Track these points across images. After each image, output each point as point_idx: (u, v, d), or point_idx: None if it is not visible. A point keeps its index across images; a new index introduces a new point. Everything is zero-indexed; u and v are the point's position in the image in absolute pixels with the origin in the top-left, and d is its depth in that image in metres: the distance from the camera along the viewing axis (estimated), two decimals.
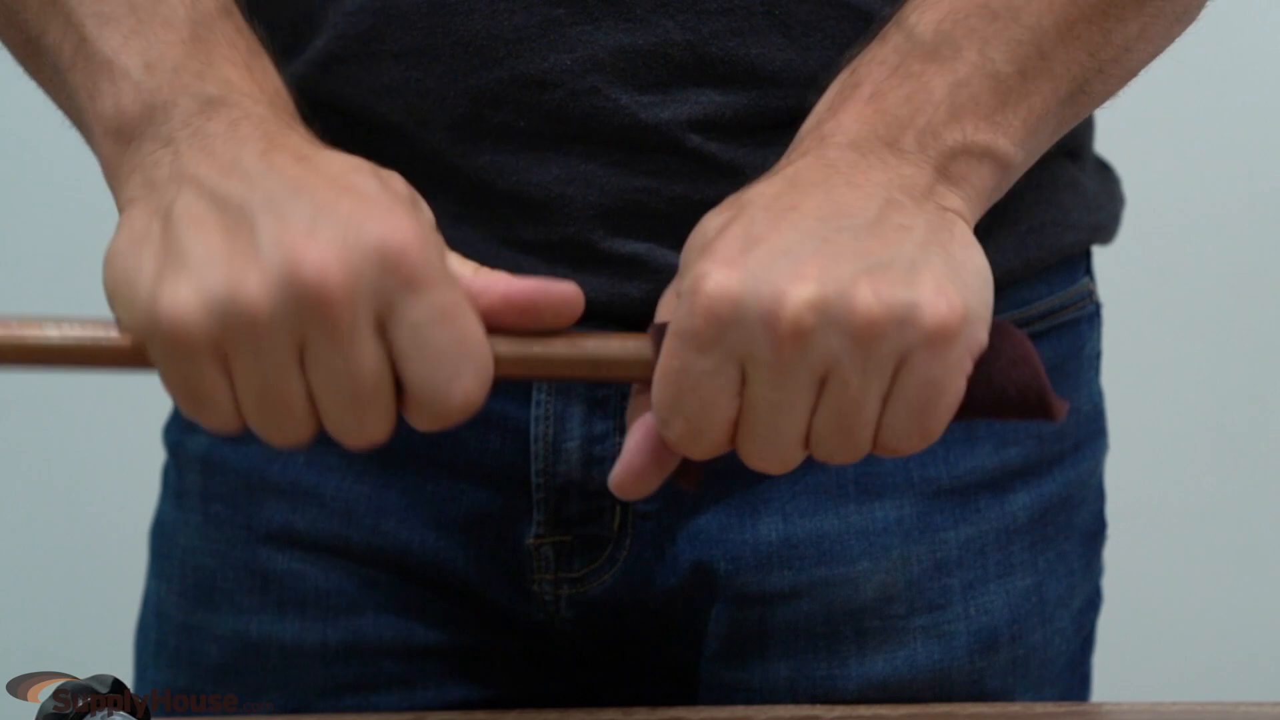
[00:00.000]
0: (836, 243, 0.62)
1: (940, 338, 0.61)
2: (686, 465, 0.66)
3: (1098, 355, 0.88)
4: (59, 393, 1.62)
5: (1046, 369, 0.82)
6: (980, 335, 0.63)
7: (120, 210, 0.65)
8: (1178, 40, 0.74)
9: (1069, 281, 0.84)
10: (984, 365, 0.64)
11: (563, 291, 0.63)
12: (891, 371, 0.62)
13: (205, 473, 0.84)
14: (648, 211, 0.74)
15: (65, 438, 1.65)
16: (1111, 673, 0.95)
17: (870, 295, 0.60)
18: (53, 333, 0.64)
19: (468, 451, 0.79)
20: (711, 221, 0.65)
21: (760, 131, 0.74)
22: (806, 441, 0.63)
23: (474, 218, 0.75)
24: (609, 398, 0.78)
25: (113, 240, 0.63)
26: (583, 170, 0.74)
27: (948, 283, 0.62)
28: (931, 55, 0.67)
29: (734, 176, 0.74)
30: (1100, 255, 0.89)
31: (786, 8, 0.73)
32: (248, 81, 0.67)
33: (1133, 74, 0.72)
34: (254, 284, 0.58)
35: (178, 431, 0.87)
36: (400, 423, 0.79)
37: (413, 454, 0.80)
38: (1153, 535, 1.60)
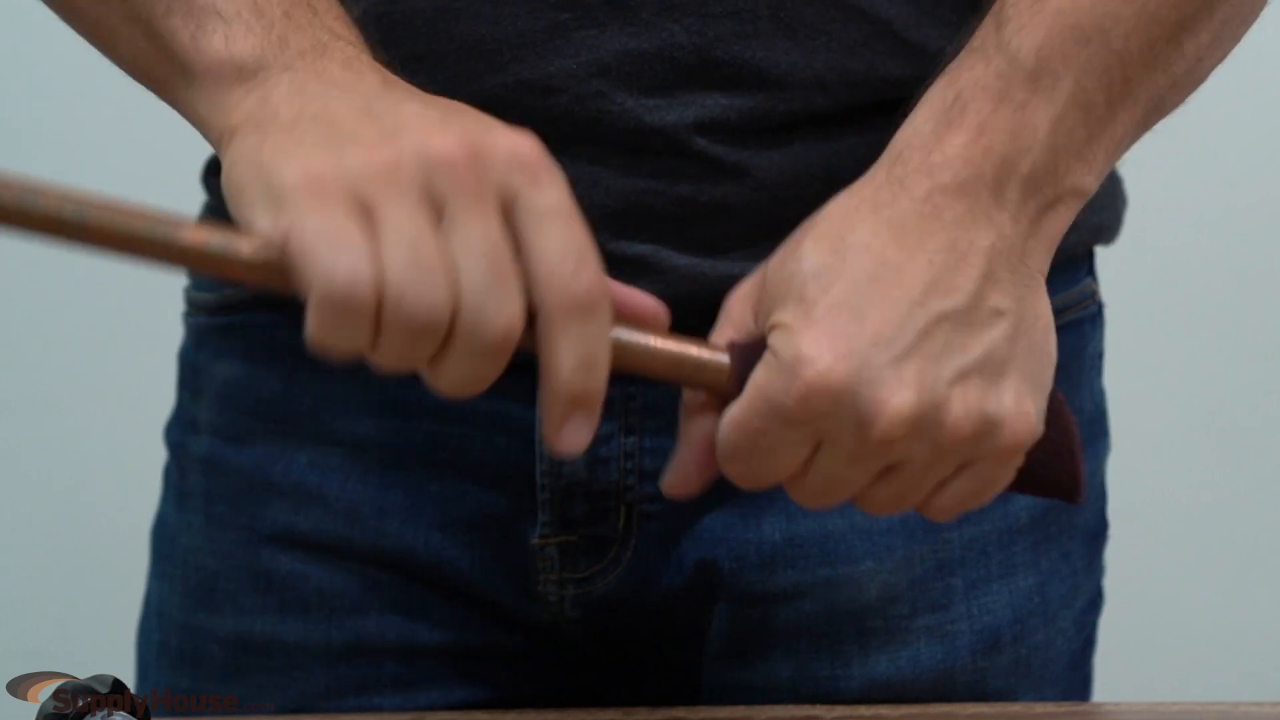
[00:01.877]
0: (936, 337, 0.64)
1: (1012, 451, 0.65)
2: None
3: (1100, 355, 0.88)
4: (59, 393, 1.63)
5: None
6: (1040, 430, 0.67)
7: (230, 134, 0.65)
8: None
9: (1071, 282, 0.84)
10: (1034, 454, 0.67)
11: (646, 304, 0.65)
12: (955, 467, 0.65)
13: (207, 473, 0.84)
14: (654, 213, 0.74)
15: (65, 438, 1.65)
16: (1112, 673, 0.95)
17: (960, 411, 0.64)
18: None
19: (472, 452, 0.79)
20: (809, 259, 0.65)
21: (766, 135, 0.74)
22: (857, 494, 0.66)
23: None
24: (613, 399, 0.78)
25: (235, 144, 0.63)
26: (588, 173, 0.74)
27: (1028, 392, 0.66)
28: (1034, 84, 0.67)
29: (740, 177, 0.74)
30: (1102, 255, 0.89)
31: (792, 11, 0.73)
32: (353, 33, 0.68)
33: (1201, 82, 0.73)
34: (389, 150, 0.59)
35: (180, 432, 0.87)
36: (401, 424, 0.80)
37: (416, 454, 0.80)
38: (1153, 535, 1.60)
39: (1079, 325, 0.85)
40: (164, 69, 0.68)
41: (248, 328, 0.82)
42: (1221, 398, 1.63)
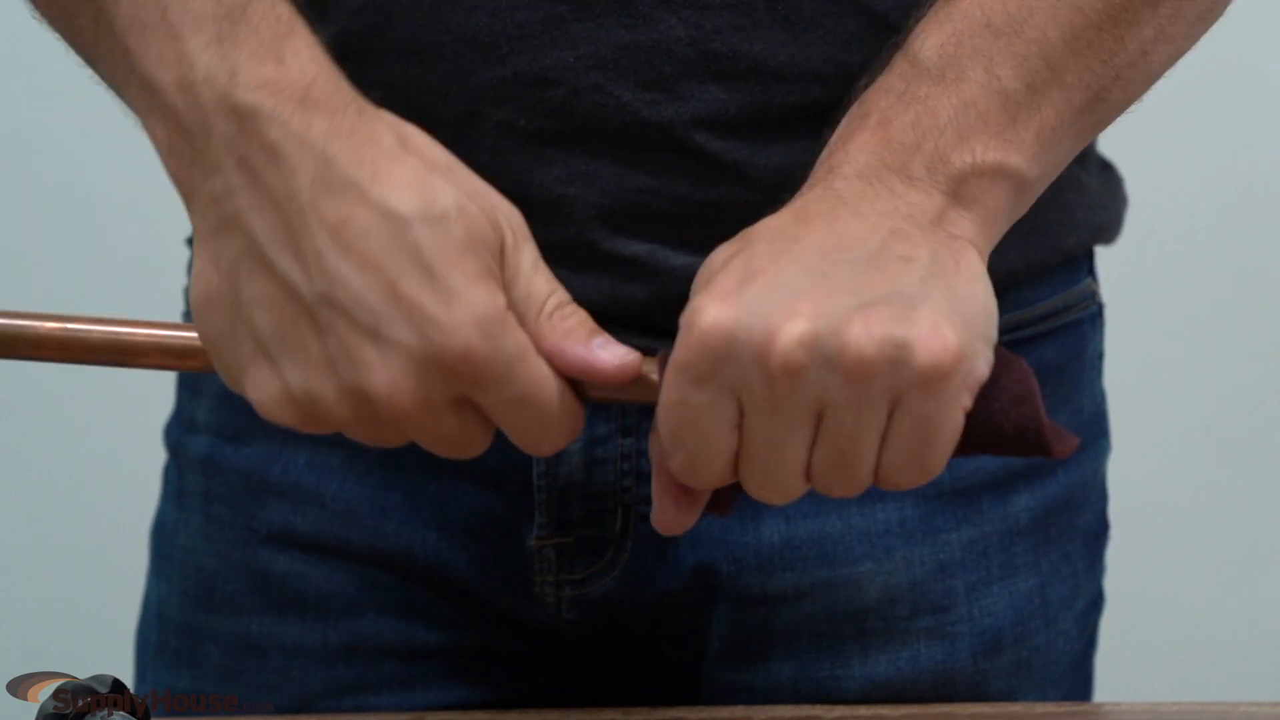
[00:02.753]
0: (834, 276, 0.62)
1: (934, 377, 0.61)
2: (717, 495, 0.67)
3: (1100, 356, 0.88)
4: (59, 393, 1.62)
5: (1049, 370, 0.82)
6: (979, 371, 0.63)
7: (193, 226, 0.65)
8: None
9: (1072, 282, 0.84)
10: (983, 401, 0.64)
11: (607, 369, 0.65)
12: (887, 410, 0.62)
13: (206, 474, 0.84)
14: (650, 212, 0.74)
15: (65, 438, 1.65)
16: (1112, 673, 0.94)
17: (862, 333, 0.61)
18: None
19: None
20: (718, 256, 0.65)
21: (764, 129, 0.74)
22: (808, 475, 0.64)
23: None
24: (611, 402, 0.77)
25: (193, 280, 0.65)
26: (585, 170, 0.74)
27: (945, 319, 0.62)
28: (937, 78, 0.67)
29: (737, 176, 0.74)
30: (1103, 255, 0.89)
31: (789, 3, 0.73)
32: (281, 78, 0.64)
33: (1155, 76, 0.72)
34: (331, 395, 0.62)
35: (178, 432, 0.87)
36: None
37: (414, 455, 0.79)
38: (1153, 536, 1.60)
39: (1079, 326, 0.85)
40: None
41: None
42: (1222, 398, 1.63)
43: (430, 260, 0.61)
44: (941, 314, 0.62)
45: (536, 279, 0.64)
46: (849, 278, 0.62)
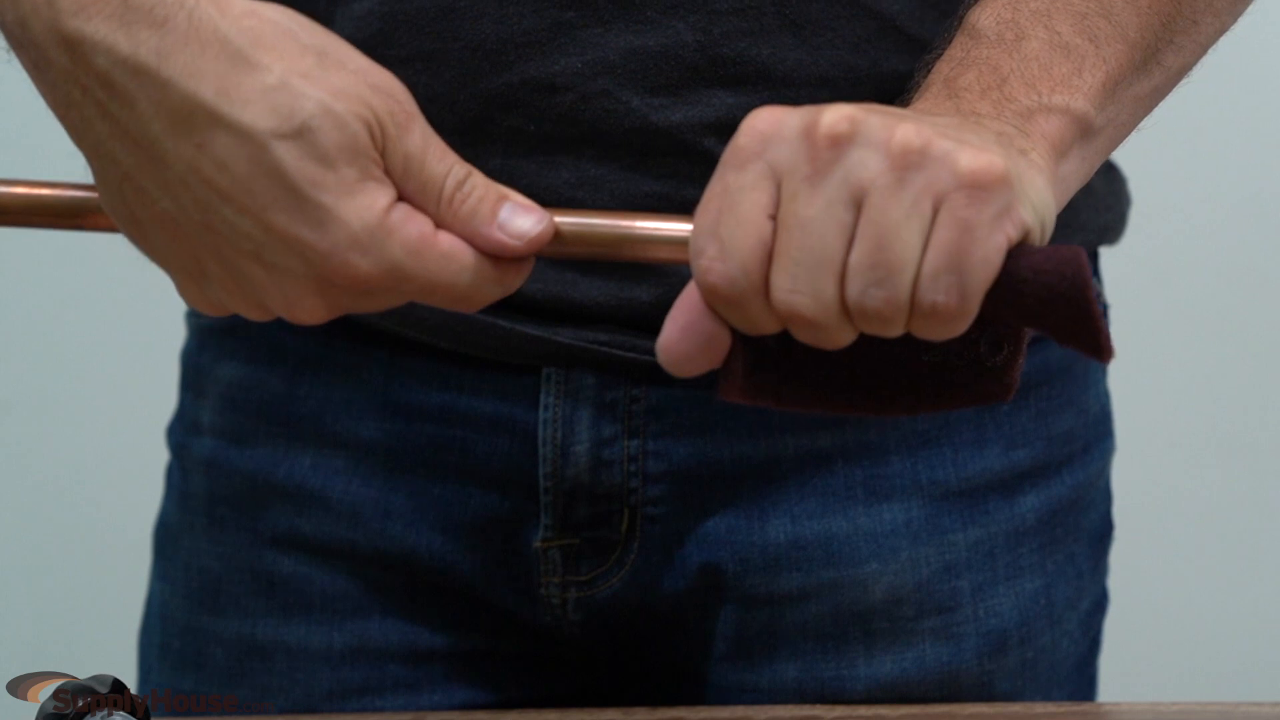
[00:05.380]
0: (887, 110, 0.61)
1: (976, 184, 0.59)
2: (728, 365, 0.64)
3: None
4: (60, 392, 1.62)
5: (1055, 370, 0.82)
6: (1024, 216, 0.61)
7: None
8: None
9: None
10: (1030, 259, 0.61)
11: (504, 246, 0.63)
12: (929, 208, 0.60)
13: (210, 475, 0.84)
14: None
15: (67, 438, 1.65)
16: (1113, 673, 0.94)
17: (912, 129, 0.60)
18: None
19: (475, 454, 0.79)
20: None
21: None
22: (842, 280, 0.60)
23: None
24: (617, 401, 0.77)
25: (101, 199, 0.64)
26: (594, 174, 0.74)
27: (997, 149, 0.61)
28: (997, 41, 0.67)
29: None
30: (1106, 256, 0.89)
31: (798, 7, 0.73)
32: None
33: (1203, 48, 0.72)
34: (251, 310, 0.63)
35: (182, 433, 0.86)
36: (404, 427, 0.80)
37: (420, 457, 0.80)
38: (1153, 536, 1.60)
39: None
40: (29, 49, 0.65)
41: (251, 329, 0.82)
42: (1225, 399, 1.62)
43: (296, 183, 0.59)
44: (992, 144, 0.61)
45: (429, 162, 0.62)
46: (906, 113, 0.62)
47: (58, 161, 0.71)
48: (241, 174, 0.59)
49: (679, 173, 0.74)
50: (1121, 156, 0.89)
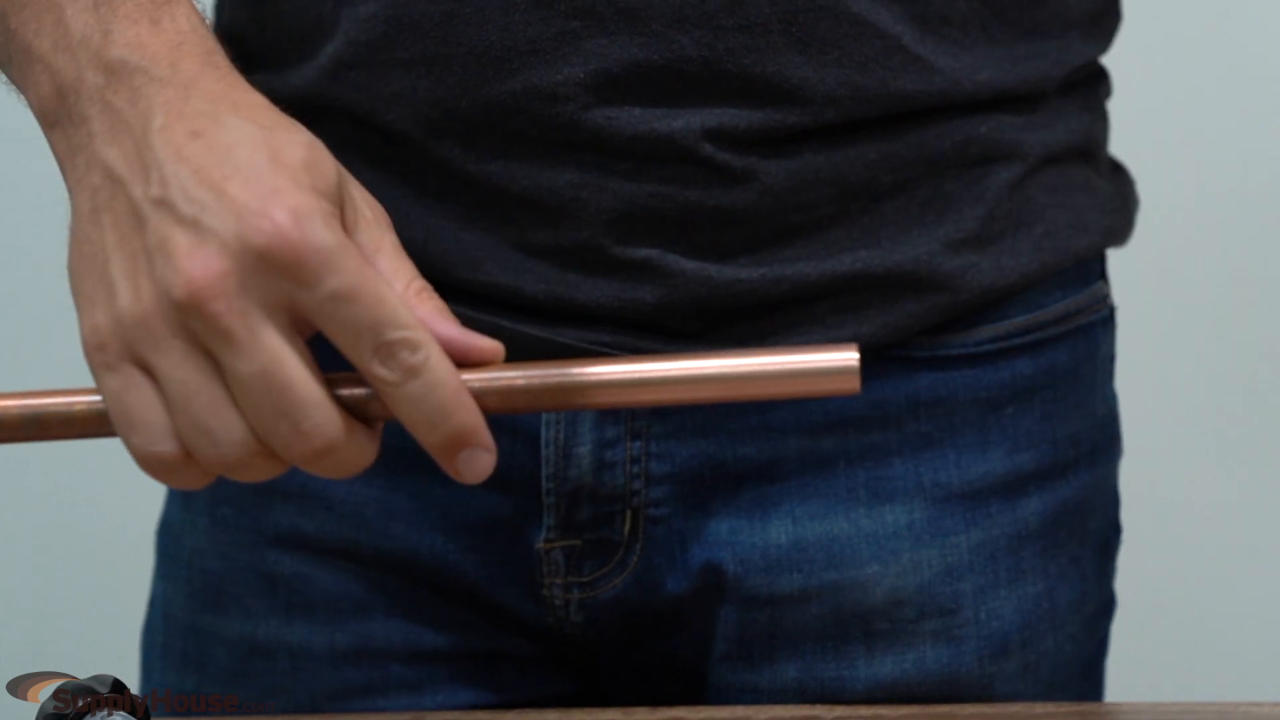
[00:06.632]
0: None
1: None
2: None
3: (1112, 359, 0.87)
4: None
5: (1062, 373, 0.82)
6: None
7: (68, 190, 0.64)
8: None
9: (1083, 285, 0.84)
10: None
11: (483, 349, 0.63)
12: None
13: None
14: (660, 217, 0.74)
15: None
16: (1112, 673, 0.94)
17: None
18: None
19: None
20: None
21: (775, 142, 0.74)
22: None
23: (485, 221, 0.75)
24: None
25: (69, 240, 0.63)
26: (593, 178, 0.73)
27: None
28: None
29: (747, 183, 0.73)
30: (1114, 257, 0.88)
31: (805, 26, 0.72)
32: (153, 38, 0.64)
33: None
34: (148, 299, 0.59)
35: None
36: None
37: (422, 457, 0.79)
38: (1154, 537, 1.59)
39: (1091, 329, 0.84)
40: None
41: None
42: (1232, 402, 1.62)
43: (262, 168, 0.60)
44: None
45: (402, 260, 0.62)
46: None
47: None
48: (219, 154, 0.60)
49: (679, 176, 0.73)
50: (1130, 158, 0.89)
